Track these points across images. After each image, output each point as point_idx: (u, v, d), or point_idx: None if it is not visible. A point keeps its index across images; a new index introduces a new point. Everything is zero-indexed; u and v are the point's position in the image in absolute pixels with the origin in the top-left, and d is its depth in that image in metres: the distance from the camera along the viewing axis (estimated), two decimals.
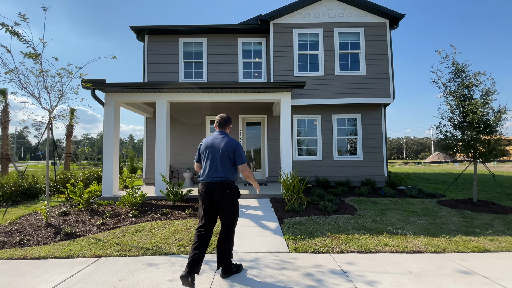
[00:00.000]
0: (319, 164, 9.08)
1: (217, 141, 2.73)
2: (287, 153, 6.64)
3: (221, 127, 2.90)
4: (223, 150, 2.66)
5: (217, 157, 2.65)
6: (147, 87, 6.41)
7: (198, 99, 6.91)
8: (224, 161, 2.64)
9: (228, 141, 2.72)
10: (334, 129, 9.17)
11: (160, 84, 6.47)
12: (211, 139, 2.79)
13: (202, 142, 2.82)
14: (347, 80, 8.78)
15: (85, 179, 10.05)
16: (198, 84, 6.44)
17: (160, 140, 6.77)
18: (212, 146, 2.71)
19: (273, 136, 9.26)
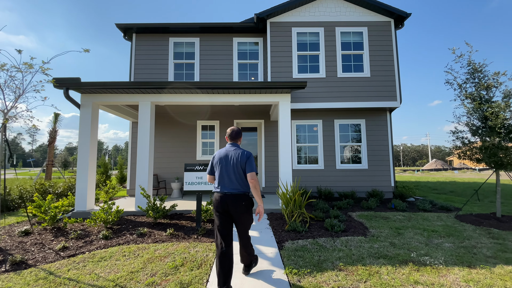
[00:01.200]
0: (320, 173, 8.32)
1: (231, 153, 2.79)
2: (286, 161, 5.87)
3: (233, 139, 2.92)
4: (237, 162, 2.71)
5: (232, 169, 2.71)
6: (127, 86, 5.66)
7: (187, 101, 6.16)
8: (239, 173, 2.71)
9: (241, 152, 2.77)
10: (336, 135, 8.46)
11: (142, 84, 5.71)
12: (224, 151, 2.84)
13: (215, 154, 2.88)
14: (350, 82, 8.14)
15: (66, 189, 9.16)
16: (186, 83, 5.70)
17: (143, 146, 5.97)
18: (226, 158, 2.77)
19: (270, 143, 8.51)
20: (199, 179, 4.66)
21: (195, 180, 4.66)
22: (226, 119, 8.62)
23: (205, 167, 4.71)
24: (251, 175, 2.66)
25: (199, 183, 4.65)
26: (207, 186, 4.65)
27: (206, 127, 8.69)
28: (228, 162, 2.72)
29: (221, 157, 2.79)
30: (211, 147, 8.63)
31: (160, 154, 8.47)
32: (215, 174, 2.83)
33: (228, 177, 2.69)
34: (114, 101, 6.15)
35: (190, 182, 4.65)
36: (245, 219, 2.71)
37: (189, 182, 4.65)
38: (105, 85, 5.70)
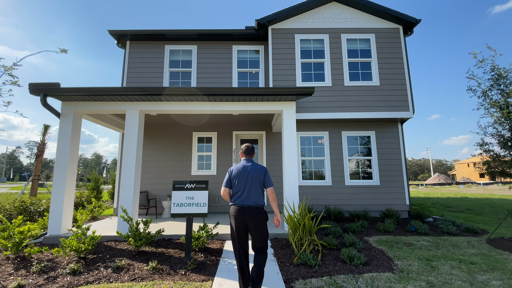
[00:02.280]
0: (328, 190, 7.55)
1: (249, 167, 2.96)
2: (292, 178, 5.14)
3: (249, 155, 3.14)
4: (256, 176, 2.90)
5: (250, 183, 2.87)
6: (113, 92, 5.02)
7: (181, 110, 5.52)
8: (257, 187, 2.88)
9: (258, 167, 2.99)
10: (344, 148, 7.77)
11: (130, 89, 5.08)
12: (242, 166, 2.99)
13: (233, 169, 3.01)
14: (358, 91, 7.55)
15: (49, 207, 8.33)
16: (180, 89, 5.07)
17: (128, 160, 5.25)
18: (244, 173, 2.92)
19: (272, 156, 7.80)
20: (190, 200, 3.91)
21: (184, 201, 3.90)
22: (224, 131, 7.96)
23: (198, 184, 3.98)
24: (271, 189, 2.95)
25: (190, 205, 3.90)
26: (199, 209, 3.89)
27: (202, 139, 8.01)
28: (248, 177, 2.89)
29: (239, 171, 2.95)
30: (207, 160, 7.91)
31: (150, 169, 7.73)
32: (232, 188, 2.95)
33: (248, 191, 2.84)
34: (99, 110, 5.50)
35: (179, 204, 3.89)
36: (261, 231, 2.81)
37: (178, 203, 3.89)
38: (88, 92, 5.07)
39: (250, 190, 2.84)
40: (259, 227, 2.79)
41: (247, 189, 2.84)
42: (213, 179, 7.67)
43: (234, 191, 2.91)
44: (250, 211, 2.77)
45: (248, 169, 2.93)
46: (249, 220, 2.76)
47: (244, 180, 2.88)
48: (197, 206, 3.90)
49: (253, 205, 2.79)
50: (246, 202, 2.80)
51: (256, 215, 2.78)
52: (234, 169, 2.98)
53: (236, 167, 2.99)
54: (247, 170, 2.93)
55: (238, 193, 2.87)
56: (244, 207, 2.78)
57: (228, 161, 7.79)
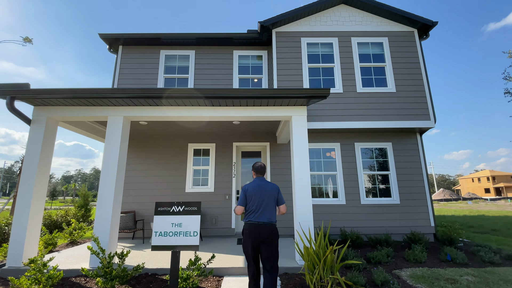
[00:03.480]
0: (341, 209, 6.61)
1: (264, 186, 3.11)
2: (304, 197, 4.26)
3: (262, 173, 3.27)
4: (271, 194, 3.08)
5: (266, 201, 3.02)
6: (91, 95, 4.25)
7: (173, 115, 4.73)
8: (272, 204, 3.06)
9: (272, 185, 3.16)
10: (358, 161, 6.91)
11: (112, 91, 4.31)
12: (257, 184, 3.12)
13: (247, 187, 3.11)
14: (372, 98, 6.82)
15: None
16: (172, 91, 4.30)
17: (108, 175, 4.38)
18: (261, 191, 3.06)
19: (277, 171, 6.93)
20: (177, 227, 3.02)
21: (170, 229, 3.01)
22: (224, 142, 7.13)
23: (187, 207, 3.10)
24: (284, 206, 3.17)
25: (177, 234, 3.00)
26: (188, 239, 2.99)
27: (199, 151, 7.17)
28: (264, 194, 3.03)
29: (255, 189, 3.06)
30: (204, 175, 7.02)
31: (138, 185, 6.83)
32: (247, 205, 3.04)
33: (264, 208, 2.98)
34: (77, 116, 4.71)
35: (162, 233, 3.00)
36: (274, 248, 2.94)
37: (161, 232, 3.00)
38: (63, 94, 4.30)
39: (266, 207, 2.99)
40: (272, 242, 2.93)
41: (263, 207, 2.98)
42: (210, 197, 6.75)
43: (249, 209, 3.01)
44: (265, 228, 2.92)
45: (264, 187, 3.08)
46: (264, 236, 2.89)
47: (260, 197, 3.01)
48: (186, 236, 2.99)
49: (267, 222, 2.94)
50: (260, 219, 2.94)
51: (271, 231, 2.93)
52: (250, 187, 3.10)
53: (252, 186, 3.11)
54: (263, 188, 3.07)
55: (253, 210, 2.98)
56: (259, 224, 2.92)
57: (228, 176, 6.91)
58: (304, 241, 3.71)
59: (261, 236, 2.88)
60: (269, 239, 2.90)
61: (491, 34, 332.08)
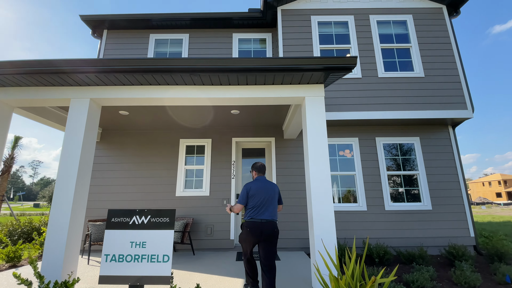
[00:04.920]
0: (362, 217, 5.51)
1: (267, 184, 3.17)
2: (323, 205, 3.18)
3: (263, 172, 3.32)
4: (274, 193, 3.14)
5: (269, 199, 3.06)
6: (47, 67, 3.26)
7: (153, 97, 3.71)
8: (275, 203, 3.12)
9: (274, 184, 3.23)
10: (381, 159, 5.82)
11: (73, 62, 3.30)
12: (260, 183, 3.15)
13: (251, 186, 3.11)
14: (397, 84, 5.77)
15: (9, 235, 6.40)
16: (151, 62, 3.28)
17: (67, 174, 3.36)
18: (264, 190, 3.08)
19: (284, 171, 5.86)
20: (140, 248, 1.98)
21: (128, 250, 1.99)
22: (221, 137, 6.10)
23: (154, 218, 2.07)
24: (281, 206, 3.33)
25: (138, 259, 1.97)
26: (155, 267, 1.96)
27: (192, 148, 6.15)
28: (268, 192, 3.08)
29: (259, 187, 3.09)
30: (198, 176, 5.98)
31: (116, 188, 5.80)
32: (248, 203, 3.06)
33: (267, 206, 3.02)
34: (33, 99, 3.73)
35: (117, 256, 1.99)
36: (274, 244, 2.99)
37: (115, 255, 1.98)
38: (9, 67, 3.32)
39: (269, 205, 3.03)
40: (272, 241, 2.96)
41: (267, 205, 3.02)
42: (205, 202, 5.70)
43: (252, 206, 3.01)
44: (267, 226, 2.95)
45: (267, 186, 3.13)
46: (265, 234, 2.91)
47: (264, 195, 3.04)
48: (152, 261, 1.96)
49: (270, 220, 2.98)
50: (263, 216, 2.96)
51: (273, 229, 2.97)
52: (253, 185, 3.10)
53: (255, 184, 3.12)
54: (267, 186, 3.12)
55: (257, 207, 3.00)
56: (262, 222, 2.94)
57: (226, 177, 5.86)
58: (331, 267, 2.63)
59: (263, 234, 2.91)
60: (270, 237, 2.93)
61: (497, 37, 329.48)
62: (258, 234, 2.90)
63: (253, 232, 2.91)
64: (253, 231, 2.91)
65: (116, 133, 6.16)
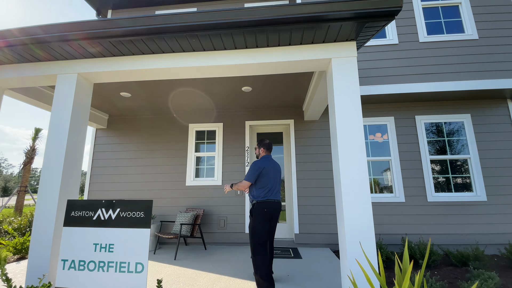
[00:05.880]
0: (398, 209, 4.69)
1: (275, 164, 3.12)
2: (357, 196, 2.45)
3: (271, 150, 3.24)
4: (280, 173, 3.15)
5: (279, 178, 3.08)
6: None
7: (146, 69, 3.14)
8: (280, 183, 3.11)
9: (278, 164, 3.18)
10: (422, 142, 4.90)
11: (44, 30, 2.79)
12: (271, 162, 3.07)
13: (264, 165, 2.97)
14: (443, 50, 4.75)
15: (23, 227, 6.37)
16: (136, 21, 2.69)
17: (53, 160, 2.93)
18: (274, 169, 3.03)
19: (305, 157, 5.14)
20: (106, 252, 1.42)
21: (91, 255, 1.45)
22: (233, 121, 5.49)
23: (124, 212, 1.50)
24: None
25: (104, 267, 1.45)
26: (124, 279, 1.36)
27: (202, 134, 5.61)
28: (278, 173, 3.07)
29: (270, 167, 3.00)
30: (210, 164, 5.45)
31: (121, 177, 5.44)
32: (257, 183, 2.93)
33: (277, 186, 3.00)
34: (22, 78, 3.33)
35: (76, 263, 1.46)
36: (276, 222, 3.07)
37: (74, 260, 1.44)
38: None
39: (278, 185, 3.01)
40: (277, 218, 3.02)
41: (277, 185, 2.99)
42: (217, 192, 5.18)
43: (264, 186, 2.90)
44: (279, 206, 2.99)
45: (276, 166, 3.10)
46: (277, 213, 2.96)
47: (275, 175, 3.00)
48: (121, 271, 1.46)
49: (280, 200, 3.01)
50: (277, 197, 2.97)
51: (280, 208, 3.03)
52: (266, 164, 2.99)
53: (267, 163, 3.01)
54: (276, 166, 3.08)
55: (271, 188, 2.91)
56: (276, 202, 2.93)
57: (239, 164, 5.27)
58: (373, 280, 1.95)
59: (276, 214, 2.94)
60: (277, 217, 3.01)
61: None
62: (275, 215, 2.92)
63: (270, 213, 2.86)
64: (270, 212, 2.86)
65: (122, 119, 5.77)
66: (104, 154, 5.61)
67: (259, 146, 3.24)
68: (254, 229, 2.82)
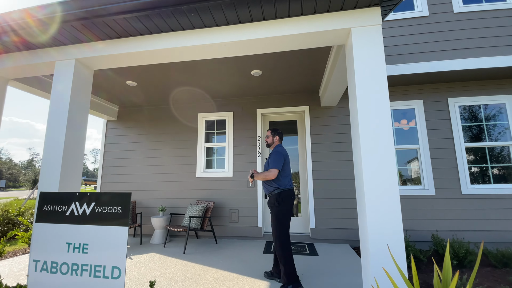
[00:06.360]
0: (428, 203, 4.21)
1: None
2: (383, 192, 2.09)
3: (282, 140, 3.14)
4: None
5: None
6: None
7: (143, 51, 2.91)
8: None
9: None
10: (455, 127, 4.34)
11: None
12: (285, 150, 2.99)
13: (286, 152, 2.95)
14: (482, 20, 4.12)
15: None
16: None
17: (52, 153, 2.82)
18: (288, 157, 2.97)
19: (322, 147, 4.76)
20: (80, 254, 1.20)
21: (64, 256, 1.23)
22: (244, 109, 5.19)
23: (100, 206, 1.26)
24: None
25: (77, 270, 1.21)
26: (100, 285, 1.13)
27: (212, 123, 5.37)
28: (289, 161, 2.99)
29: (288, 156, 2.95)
30: (220, 155, 5.23)
31: (135, 169, 5.36)
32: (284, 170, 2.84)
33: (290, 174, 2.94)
34: (24, 66, 3.23)
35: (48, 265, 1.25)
36: None
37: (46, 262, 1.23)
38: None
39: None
40: None
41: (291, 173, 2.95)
42: (228, 184, 4.95)
43: (288, 174, 2.88)
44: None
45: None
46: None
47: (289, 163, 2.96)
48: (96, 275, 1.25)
49: None
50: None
51: None
52: (286, 153, 2.95)
53: (285, 151, 2.97)
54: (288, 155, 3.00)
55: (289, 174, 2.89)
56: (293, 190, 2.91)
57: (251, 155, 4.99)
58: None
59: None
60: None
61: None
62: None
63: (293, 201, 2.84)
64: (293, 200, 2.84)
65: (132, 110, 5.67)
66: (115, 146, 5.56)
67: (274, 134, 3.05)
68: (282, 217, 2.70)
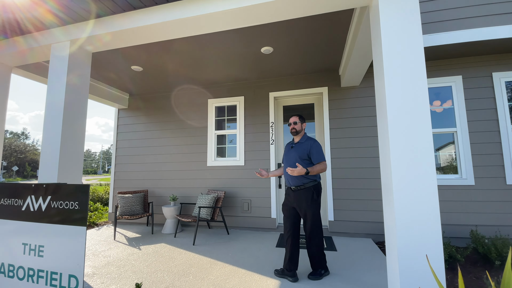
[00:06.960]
0: (466, 195, 3.69)
1: None
2: (417, 185, 1.71)
3: None
4: None
5: None
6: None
7: (139, 26, 2.64)
8: None
9: None
10: (501, 107, 3.71)
11: None
12: None
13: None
14: None
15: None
16: None
17: (50, 141, 2.70)
18: None
19: (342, 132, 4.32)
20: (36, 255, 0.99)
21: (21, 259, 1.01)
22: (255, 93, 4.84)
23: (57, 201, 1.00)
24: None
25: (34, 277, 1.02)
26: None
27: (222, 109, 5.09)
28: None
29: None
30: (231, 142, 4.97)
31: (146, 158, 5.26)
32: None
33: None
34: (24, 51, 3.10)
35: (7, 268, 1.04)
36: None
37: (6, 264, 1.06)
38: None
39: None
40: None
41: None
42: (240, 173, 4.71)
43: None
44: None
45: None
46: None
47: None
48: (52, 284, 1.00)
49: None
50: None
51: None
52: None
53: None
54: None
55: None
56: None
57: (264, 143, 4.68)
58: None
59: None
60: None
61: None
62: None
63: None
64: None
65: (142, 97, 5.53)
66: (127, 135, 5.49)
67: (302, 121, 2.78)
68: (319, 211, 2.59)
